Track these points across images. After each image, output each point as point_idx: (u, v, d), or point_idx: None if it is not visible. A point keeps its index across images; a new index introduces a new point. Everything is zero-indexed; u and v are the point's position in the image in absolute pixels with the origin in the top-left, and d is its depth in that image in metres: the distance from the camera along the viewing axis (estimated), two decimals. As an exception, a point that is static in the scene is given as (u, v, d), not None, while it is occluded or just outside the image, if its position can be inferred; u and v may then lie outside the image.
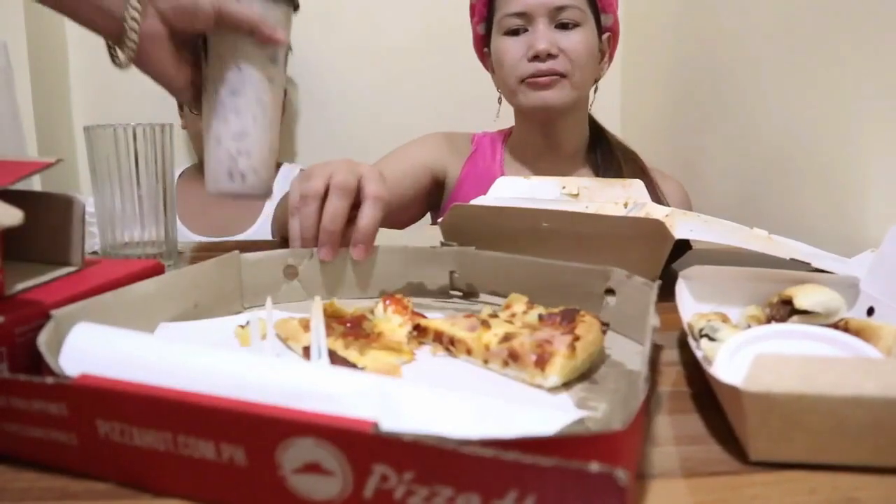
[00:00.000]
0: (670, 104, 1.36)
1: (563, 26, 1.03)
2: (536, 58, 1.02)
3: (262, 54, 0.61)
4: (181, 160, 1.28)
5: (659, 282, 0.46)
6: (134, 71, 0.61)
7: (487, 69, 1.15)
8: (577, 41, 1.03)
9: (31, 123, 1.45)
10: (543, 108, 1.05)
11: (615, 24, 1.10)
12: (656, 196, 1.06)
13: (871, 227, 0.73)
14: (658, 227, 0.58)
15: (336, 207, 0.58)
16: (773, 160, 0.95)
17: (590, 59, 1.05)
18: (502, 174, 1.13)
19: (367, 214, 0.59)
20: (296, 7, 0.63)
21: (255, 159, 0.62)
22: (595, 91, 1.15)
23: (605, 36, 1.09)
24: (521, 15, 1.03)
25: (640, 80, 1.51)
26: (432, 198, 1.17)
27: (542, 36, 1.01)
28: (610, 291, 0.51)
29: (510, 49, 1.04)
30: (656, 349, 0.47)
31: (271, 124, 0.63)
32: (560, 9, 1.02)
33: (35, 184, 1.02)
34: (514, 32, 1.04)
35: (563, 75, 1.03)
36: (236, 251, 0.57)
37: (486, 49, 1.13)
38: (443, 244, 0.58)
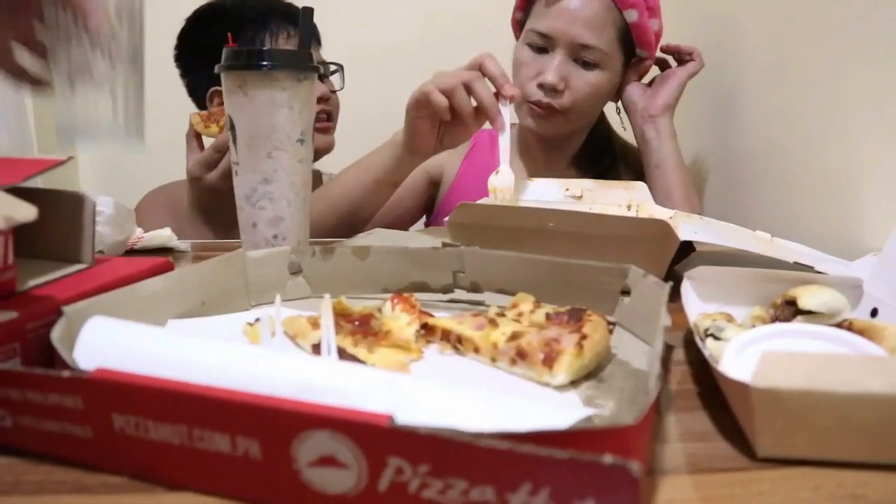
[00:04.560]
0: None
1: (583, 63, 1.00)
2: (542, 86, 1.00)
3: (292, 140, 0.63)
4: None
5: (671, 283, 0.46)
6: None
7: None
8: (589, 83, 1.00)
9: (31, 123, 1.45)
10: (535, 133, 1.07)
11: (651, 57, 1.06)
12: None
13: (873, 231, 0.73)
14: (663, 229, 0.58)
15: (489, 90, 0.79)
16: (774, 163, 0.95)
17: (596, 98, 1.03)
18: None
19: (493, 65, 0.81)
20: (319, 71, 0.65)
21: (290, 240, 0.64)
22: (619, 112, 1.12)
23: (633, 60, 1.06)
24: (544, 36, 1.00)
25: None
26: (430, 199, 1.18)
27: (554, 69, 0.98)
28: (625, 293, 0.51)
29: (526, 64, 1.03)
30: (668, 349, 0.48)
31: (304, 202, 0.65)
32: (584, 47, 0.98)
33: (36, 184, 1.02)
34: (536, 49, 1.02)
35: (559, 111, 1.01)
36: (241, 249, 0.58)
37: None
38: (445, 244, 0.58)
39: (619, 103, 1.10)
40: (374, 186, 0.91)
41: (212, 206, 1.00)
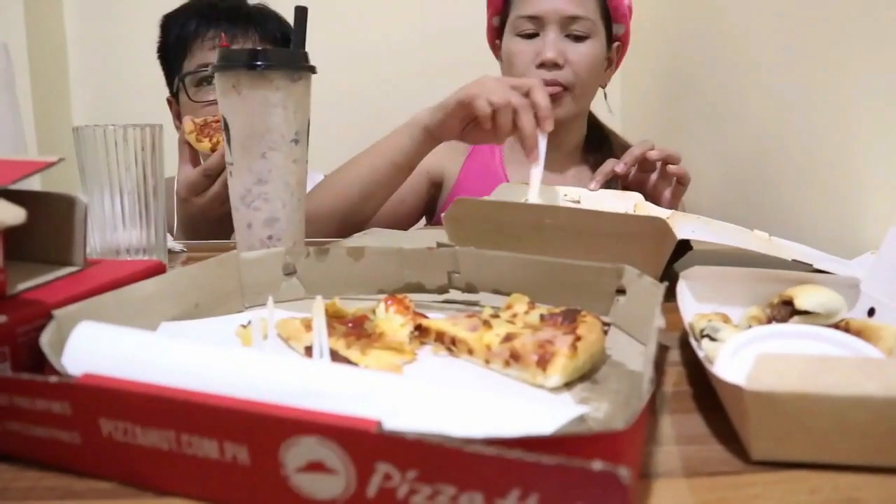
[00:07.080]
0: (670, 105, 1.37)
1: (574, 37, 1.03)
2: (543, 65, 1.02)
3: (286, 140, 0.62)
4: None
5: (666, 283, 0.46)
6: (133, 71, 0.61)
7: (498, 60, 1.16)
8: (585, 53, 1.03)
9: (31, 123, 1.45)
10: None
11: (626, 34, 1.10)
12: None
13: (871, 228, 0.73)
14: (661, 226, 0.58)
15: (532, 118, 0.80)
16: (772, 162, 0.95)
17: (594, 70, 1.06)
18: (503, 170, 1.14)
19: (542, 96, 0.81)
20: (314, 71, 0.65)
21: (286, 241, 0.64)
22: (605, 97, 1.16)
23: (614, 45, 1.10)
24: (533, 19, 1.03)
25: (640, 80, 1.51)
26: (431, 201, 1.18)
27: (551, 44, 1.02)
28: (621, 291, 0.51)
29: (521, 52, 1.05)
30: (662, 350, 0.48)
31: (299, 203, 0.65)
32: (573, 19, 1.02)
33: (35, 184, 1.03)
34: (527, 36, 1.05)
35: (566, 87, 1.04)
36: (235, 251, 0.57)
37: (497, 41, 1.14)
38: (440, 245, 0.58)
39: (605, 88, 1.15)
40: (391, 170, 0.92)
41: (196, 227, 0.97)
